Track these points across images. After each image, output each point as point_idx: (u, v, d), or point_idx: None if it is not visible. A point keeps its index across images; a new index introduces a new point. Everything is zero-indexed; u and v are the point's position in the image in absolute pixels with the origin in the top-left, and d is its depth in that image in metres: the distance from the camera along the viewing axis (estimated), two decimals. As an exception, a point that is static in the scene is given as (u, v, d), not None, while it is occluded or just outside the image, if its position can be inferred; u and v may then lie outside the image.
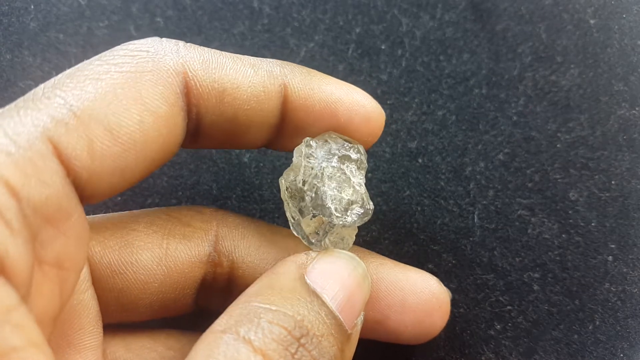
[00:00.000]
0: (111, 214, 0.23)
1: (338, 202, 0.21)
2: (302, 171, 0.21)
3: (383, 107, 0.29)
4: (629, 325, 0.26)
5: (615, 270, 0.27)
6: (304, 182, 0.21)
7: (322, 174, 0.21)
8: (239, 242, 0.23)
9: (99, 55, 0.19)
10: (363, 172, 0.22)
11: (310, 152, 0.21)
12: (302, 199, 0.21)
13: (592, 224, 0.27)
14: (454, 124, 0.29)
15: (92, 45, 0.30)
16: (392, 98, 0.29)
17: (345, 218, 0.21)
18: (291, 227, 0.22)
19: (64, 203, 0.17)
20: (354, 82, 0.29)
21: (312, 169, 0.21)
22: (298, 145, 0.22)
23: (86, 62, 0.18)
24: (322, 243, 0.22)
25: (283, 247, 0.23)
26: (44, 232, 0.16)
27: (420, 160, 0.29)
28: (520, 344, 0.26)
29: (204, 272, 0.23)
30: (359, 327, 0.20)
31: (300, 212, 0.22)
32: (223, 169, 0.29)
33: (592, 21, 0.30)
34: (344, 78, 0.29)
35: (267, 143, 0.23)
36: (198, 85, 0.20)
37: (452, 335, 0.27)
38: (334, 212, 0.21)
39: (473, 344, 0.26)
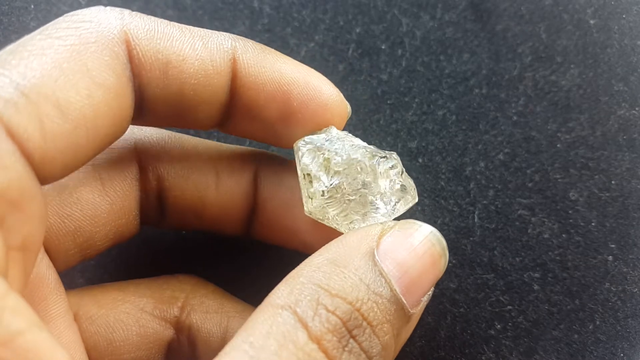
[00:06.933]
0: None
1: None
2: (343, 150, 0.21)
3: (383, 107, 0.29)
4: (629, 325, 0.26)
5: (615, 270, 0.27)
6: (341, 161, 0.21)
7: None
8: (162, 156, 0.23)
9: (41, 28, 0.18)
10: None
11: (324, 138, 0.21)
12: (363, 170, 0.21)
13: (592, 224, 0.27)
14: (454, 123, 0.29)
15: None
16: (392, 98, 0.29)
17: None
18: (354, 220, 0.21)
19: (26, 185, 0.16)
20: (354, 82, 0.30)
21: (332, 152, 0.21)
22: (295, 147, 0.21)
23: (28, 37, 0.17)
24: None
25: (207, 159, 0.23)
26: (10, 218, 0.16)
27: (420, 160, 0.29)
28: (520, 343, 0.26)
29: (139, 190, 0.23)
30: (424, 304, 0.19)
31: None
32: (223, 168, 0.29)
33: (592, 21, 0.30)
34: (344, 78, 0.30)
35: (218, 124, 0.22)
36: (140, 55, 0.19)
37: (452, 335, 0.27)
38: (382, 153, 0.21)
39: (473, 344, 0.26)
